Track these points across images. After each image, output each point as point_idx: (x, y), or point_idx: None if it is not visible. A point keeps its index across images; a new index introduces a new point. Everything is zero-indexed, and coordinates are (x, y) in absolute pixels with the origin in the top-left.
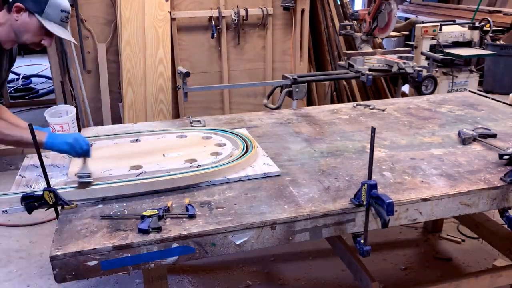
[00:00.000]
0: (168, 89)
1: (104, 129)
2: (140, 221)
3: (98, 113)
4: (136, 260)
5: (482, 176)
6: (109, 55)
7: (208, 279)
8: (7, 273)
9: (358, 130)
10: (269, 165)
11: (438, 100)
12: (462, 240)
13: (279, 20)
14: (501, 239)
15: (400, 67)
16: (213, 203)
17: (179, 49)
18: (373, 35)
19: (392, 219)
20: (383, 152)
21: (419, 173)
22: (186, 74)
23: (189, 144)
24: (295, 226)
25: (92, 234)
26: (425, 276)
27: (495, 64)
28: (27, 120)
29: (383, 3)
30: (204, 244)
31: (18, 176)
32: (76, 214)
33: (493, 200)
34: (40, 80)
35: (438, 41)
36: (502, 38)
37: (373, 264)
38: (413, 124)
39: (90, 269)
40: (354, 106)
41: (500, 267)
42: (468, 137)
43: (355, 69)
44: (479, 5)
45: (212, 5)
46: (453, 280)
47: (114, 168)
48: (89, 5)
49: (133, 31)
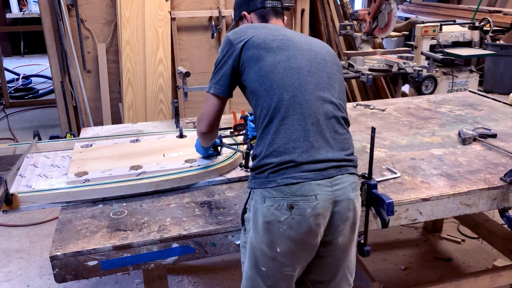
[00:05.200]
0: (168, 89)
1: (104, 129)
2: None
3: (98, 113)
4: (136, 260)
5: (482, 176)
6: (109, 55)
7: (208, 279)
8: (7, 273)
9: (358, 130)
10: None
11: (438, 100)
12: (462, 240)
13: None
14: (501, 239)
15: (400, 67)
16: (213, 203)
17: (179, 49)
18: (373, 35)
19: (392, 219)
20: (383, 152)
21: (419, 173)
22: (186, 74)
23: (189, 144)
24: None
25: (92, 234)
26: (425, 276)
27: (495, 64)
28: (27, 120)
29: (383, 3)
30: (204, 244)
31: (18, 176)
32: (76, 214)
33: (493, 200)
34: (40, 80)
35: (438, 41)
36: (502, 38)
37: (373, 264)
38: (413, 124)
39: (90, 269)
40: (354, 106)
41: (500, 267)
42: (468, 137)
43: (355, 69)
44: (479, 5)
45: (212, 5)
46: (453, 280)
47: (114, 168)
48: (89, 5)
49: (133, 31)
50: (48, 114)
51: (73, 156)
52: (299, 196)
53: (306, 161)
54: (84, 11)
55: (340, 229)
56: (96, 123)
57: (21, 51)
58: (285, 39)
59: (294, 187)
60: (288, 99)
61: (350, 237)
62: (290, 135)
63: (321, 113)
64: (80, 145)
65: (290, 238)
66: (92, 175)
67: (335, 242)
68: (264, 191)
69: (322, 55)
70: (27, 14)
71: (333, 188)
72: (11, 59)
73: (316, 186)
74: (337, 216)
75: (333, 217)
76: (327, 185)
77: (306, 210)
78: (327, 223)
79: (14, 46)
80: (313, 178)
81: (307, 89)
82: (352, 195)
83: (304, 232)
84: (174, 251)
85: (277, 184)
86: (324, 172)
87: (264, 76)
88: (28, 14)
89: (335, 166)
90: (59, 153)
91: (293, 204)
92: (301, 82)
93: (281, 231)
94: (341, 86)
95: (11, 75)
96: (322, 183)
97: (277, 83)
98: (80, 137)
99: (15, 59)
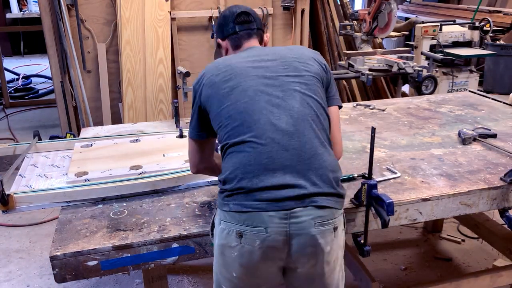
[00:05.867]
0: (168, 89)
1: (104, 129)
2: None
3: (98, 113)
4: (136, 260)
5: (482, 176)
6: (109, 55)
7: (208, 279)
8: (7, 273)
9: (358, 130)
10: None
11: (438, 100)
12: (462, 240)
13: (279, 20)
14: (501, 239)
15: (400, 67)
16: (213, 203)
17: (179, 49)
18: (373, 35)
19: (392, 219)
20: (383, 152)
21: (419, 173)
22: (186, 74)
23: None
24: None
25: (92, 234)
26: (425, 276)
27: (495, 64)
28: (27, 120)
29: (383, 3)
30: (204, 244)
31: (18, 176)
32: (76, 214)
33: (493, 200)
34: (40, 80)
35: (438, 41)
36: (502, 38)
37: (373, 264)
38: (413, 124)
39: (90, 269)
40: (354, 106)
41: (500, 267)
42: (468, 137)
43: (355, 69)
44: (479, 5)
45: (212, 5)
46: (453, 280)
47: (114, 168)
48: (89, 5)
49: (133, 31)
50: (48, 114)
51: (73, 156)
52: (248, 226)
53: (256, 187)
54: (84, 11)
55: (301, 261)
56: (96, 123)
57: (21, 51)
58: (229, 69)
59: (244, 216)
60: (237, 125)
61: (318, 270)
62: (241, 159)
63: (277, 130)
64: (80, 145)
65: (243, 266)
66: (92, 175)
67: (298, 272)
68: (221, 213)
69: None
70: (27, 14)
71: (290, 221)
72: (11, 59)
73: (267, 218)
74: (294, 249)
75: (290, 248)
76: (282, 217)
77: (255, 241)
78: (287, 252)
79: (14, 46)
80: (265, 208)
81: (254, 110)
82: (314, 231)
83: (256, 261)
84: (174, 251)
85: (229, 209)
86: (279, 203)
87: (220, 112)
88: (28, 14)
89: (295, 197)
90: (59, 153)
91: (242, 233)
92: (247, 105)
93: (233, 257)
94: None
95: (11, 75)
96: (275, 215)
97: (228, 113)
98: (80, 137)
99: (15, 59)
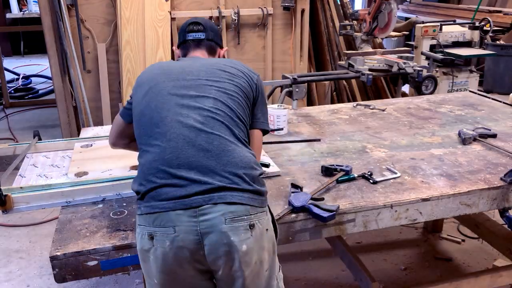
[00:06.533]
0: None
1: (104, 129)
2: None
3: (98, 113)
4: (136, 260)
5: (482, 176)
6: (109, 55)
7: None
8: (7, 273)
9: (358, 130)
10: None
11: (438, 100)
12: (462, 240)
13: (279, 20)
14: (501, 239)
15: (400, 67)
16: None
17: None
18: (373, 35)
19: (392, 219)
20: (383, 152)
21: (419, 173)
22: None
23: None
24: (295, 226)
25: (92, 234)
26: (425, 276)
27: (495, 64)
28: (27, 120)
29: (383, 3)
30: None
31: (18, 176)
32: (76, 214)
33: (493, 200)
34: (40, 80)
35: (438, 41)
36: (502, 38)
37: (373, 264)
38: (413, 124)
39: (90, 269)
40: (354, 106)
41: (500, 267)
42: (468, 137)
43: (355, 69)
44: (479, 5)
45: (212, 5)
46: (453, 280)
47: (114, 168)
48: (89, 5)
49: (133, 31)
50: (48, 114)
51: (73, 156)
52: (157, 227)
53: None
54: (84, 11)
55: (217, 263)
56: (96, 123)
57: (21, 51)
58: (158, 71)
59: (153, 216)
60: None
61: (238, 273)
62: (146, 158)
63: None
64: (80, 145)
65: (160, 271)
66: (92, 175)
67: (219, 275)
68: (137, 217)
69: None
70: (27, 14)
71: (199, 219)
72: (11, 59)
73: (175, 217)
74: (208, 249)
75: (204, 249)
76: (191, 215)
77: (165, 242)
78: (203, 253)
79: (14, 46)
80: (172, 207)
81: (163, 109)
82: (225, 227)
83: (171, 264)
84: None
85: (141, 212)
86: (186, 200)
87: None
88: (28, 14)
89: (201, 193)
90: (59, 153)
91: (152, 235)
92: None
93: (150, 261)
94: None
95: (11, 75)
96: (183, 213)
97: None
98: (80, 137)
99: (15, 59)
